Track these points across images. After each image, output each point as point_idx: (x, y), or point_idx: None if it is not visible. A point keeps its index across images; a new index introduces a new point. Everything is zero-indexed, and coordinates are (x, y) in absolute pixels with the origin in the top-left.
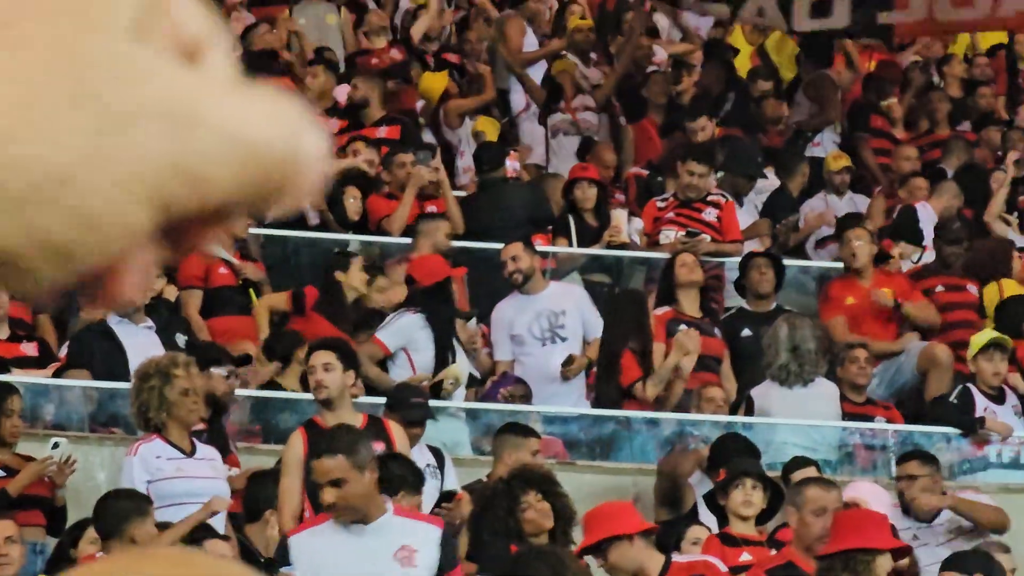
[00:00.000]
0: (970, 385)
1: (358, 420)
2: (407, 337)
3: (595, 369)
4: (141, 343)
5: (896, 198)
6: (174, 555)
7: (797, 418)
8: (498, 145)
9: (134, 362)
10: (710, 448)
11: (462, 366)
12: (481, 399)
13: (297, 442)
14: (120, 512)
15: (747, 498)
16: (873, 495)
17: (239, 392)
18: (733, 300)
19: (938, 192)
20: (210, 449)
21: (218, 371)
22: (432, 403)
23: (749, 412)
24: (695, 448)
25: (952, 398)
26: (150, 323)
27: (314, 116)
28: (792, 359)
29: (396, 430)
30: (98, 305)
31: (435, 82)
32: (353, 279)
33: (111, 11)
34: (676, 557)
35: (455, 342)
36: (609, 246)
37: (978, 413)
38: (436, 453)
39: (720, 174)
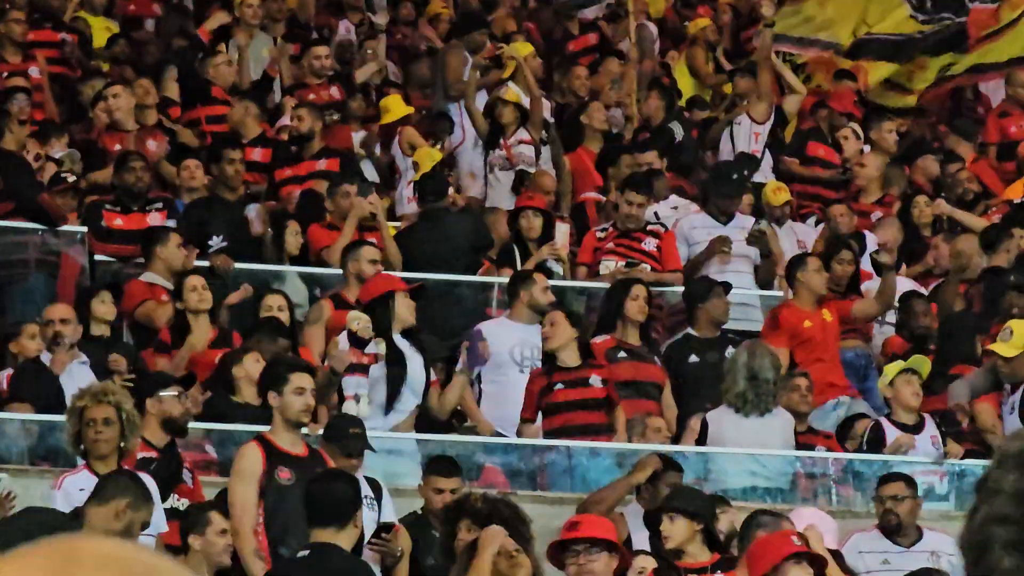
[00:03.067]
0: (883, 420)
1: (301, 448)
2: None
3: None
4: (75, 378)
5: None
6: (106, 552)
7: (751, 446)
8: (441, 175)
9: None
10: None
11: (415, 375)
12: (468, 361)
13: (255, 454)
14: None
15: (664, 532)
16: (819, 521)
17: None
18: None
19: (883, 225)
20: (144, 476)
21: (168, 393)
22: (378, 435)
23: (704, 434)
24: (616, 481)
25: (866, 433)
26: (84, 358)
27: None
28: (749, 388)
29: (332, 464)
30: None
31: (400, 104)
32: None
33: None
34: None
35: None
36: (549, 261)
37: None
38: (373, 484)
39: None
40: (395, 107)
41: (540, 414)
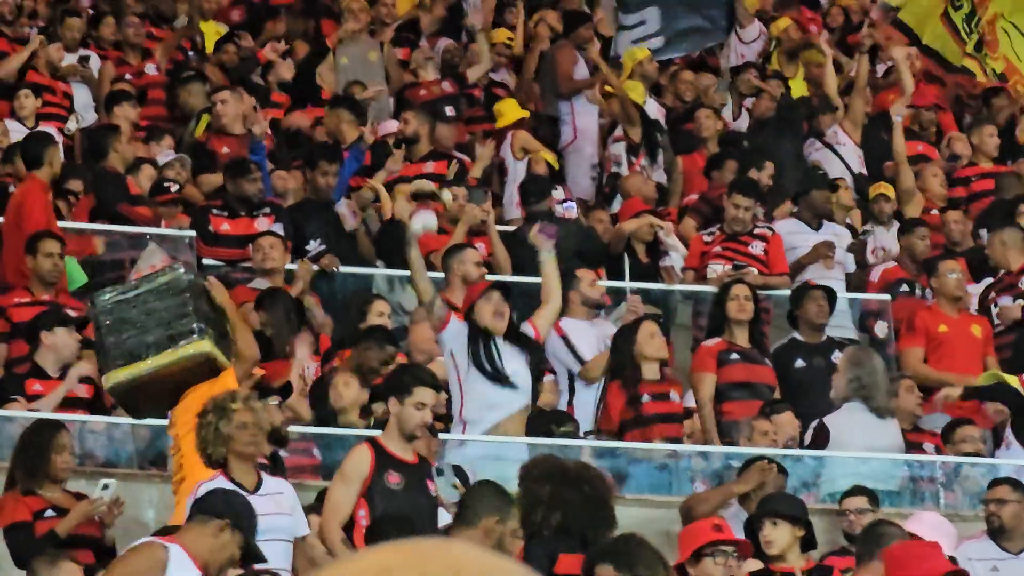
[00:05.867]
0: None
1: (411, 455)
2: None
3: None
4: None
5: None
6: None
7: (873, 446)
8: (545, 178)
9: None
10: (739, 472)
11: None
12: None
13: (364, 457)
14: None
15: (766, 537)
16: (937, 526)
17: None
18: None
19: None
20: (277, 482)
21: (271, 402)
22: (483, 438)
23: (822, 439)
24: (722, 486)
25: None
26: None
27: None
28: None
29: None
30: None
31: (515, 108)
32: None
33: None
34: None
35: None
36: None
37: None
38: (459, 473)
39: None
40: (509, 111)
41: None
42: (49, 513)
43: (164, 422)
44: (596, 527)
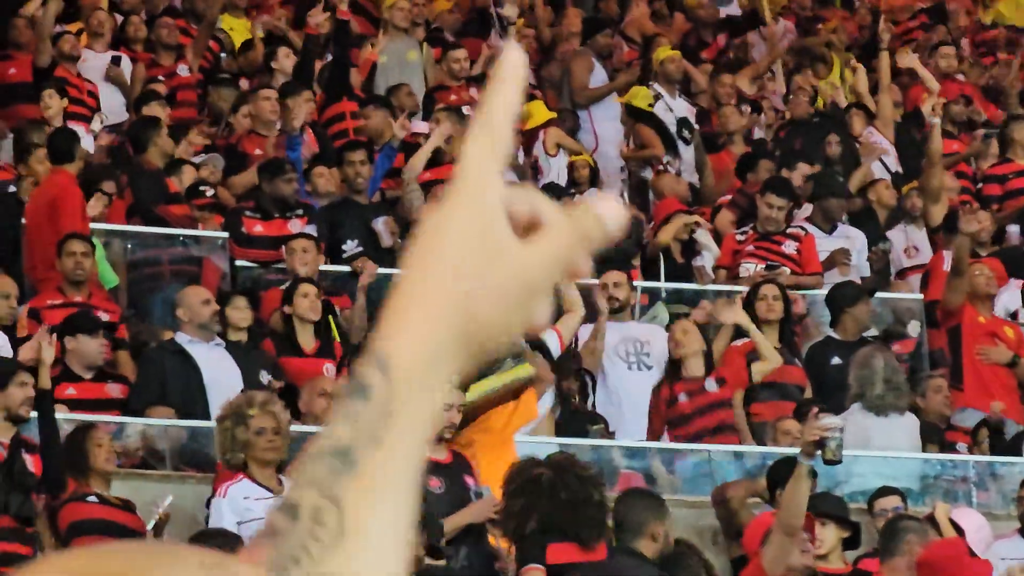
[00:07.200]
0: None
1: (444, 454)
2: None
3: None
4: (214, 359)
5: None
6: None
7: (882, 446)
8: (560, 186)
9: (208, 376)
10: (767, 474)
11: None
12: None
13: None
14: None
15: (818, 537)
16: (981, 527)
17: None
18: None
19: None
20: None
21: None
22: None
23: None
24: (747, 477)
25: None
26: (219, 341)
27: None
28: (887, 389)
29: (473, 464)
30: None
31: (542, 109)
32: None
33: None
34: None
35: None
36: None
37: None
38: None
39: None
40: (537, 112)
41: (666, 426)
42: (91, 498)
43: (199, 423)
44: (580, 527)
